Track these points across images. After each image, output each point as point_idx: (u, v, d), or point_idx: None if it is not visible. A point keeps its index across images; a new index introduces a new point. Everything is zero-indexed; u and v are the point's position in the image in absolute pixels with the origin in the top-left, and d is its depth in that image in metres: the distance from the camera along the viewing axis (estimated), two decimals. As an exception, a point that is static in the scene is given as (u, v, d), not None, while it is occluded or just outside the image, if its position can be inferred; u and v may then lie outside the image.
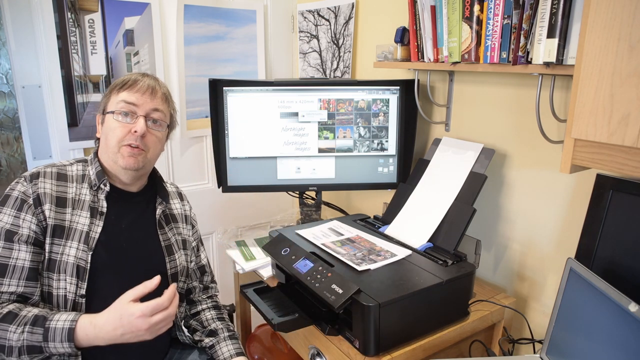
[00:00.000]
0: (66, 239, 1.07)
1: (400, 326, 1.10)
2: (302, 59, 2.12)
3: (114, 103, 1.14)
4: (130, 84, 1.14)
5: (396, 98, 1.63)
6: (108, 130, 1.13)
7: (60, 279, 1.06)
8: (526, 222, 1.37)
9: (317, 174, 1.69)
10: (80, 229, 1.09)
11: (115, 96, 1.14)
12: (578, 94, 0.87)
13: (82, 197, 1.12)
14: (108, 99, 1.16)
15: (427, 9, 1.32)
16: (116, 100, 1.13)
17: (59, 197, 1.09)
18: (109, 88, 1.18)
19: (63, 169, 1.14)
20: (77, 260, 1.06)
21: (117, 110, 1.12)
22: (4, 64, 2.87)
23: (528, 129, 1.31)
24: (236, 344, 1.28)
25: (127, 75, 1.19)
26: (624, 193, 1.03)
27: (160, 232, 1.23)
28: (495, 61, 1.18)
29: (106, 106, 1.16)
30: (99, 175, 1.14)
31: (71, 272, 1.06)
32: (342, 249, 1.29)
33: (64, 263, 1.06)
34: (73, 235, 1.08)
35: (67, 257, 1.06)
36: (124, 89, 1.14)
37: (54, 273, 1.06)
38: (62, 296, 1.06)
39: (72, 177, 1.13)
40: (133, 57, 1.79)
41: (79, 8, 1.66)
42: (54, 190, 1.09)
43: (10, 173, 3.02)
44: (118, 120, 1.12)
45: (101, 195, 1.13)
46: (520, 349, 1.37)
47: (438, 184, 1.42)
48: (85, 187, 1.13)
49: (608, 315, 0.90)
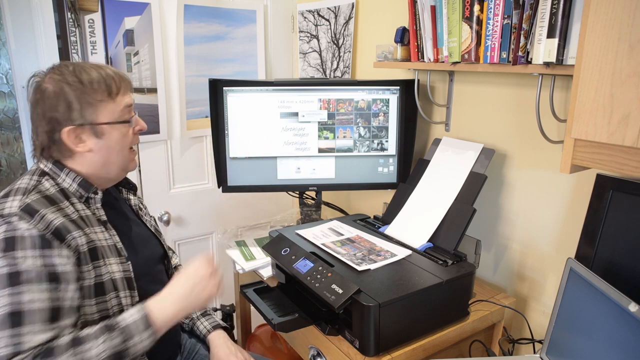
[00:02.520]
0: (104, 258, 1.01)
1: (400, 326, 1.10)
2: (302, 59, 2.12)
3: (113, 112, 1.03)
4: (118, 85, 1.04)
5: (396, 98, 1.63)
6: (114, 142, 1.04)
7: (112, 298, 1.02)
8: (526, 222, 1.37)
9: (317, 174, 1.69)
10: (105, 244, 1.03)
11: (110, 104, 1.02)
12: (578, 94, 0.87)
13: (82, 212, 1.02)
14: (94, 108, 1.00)
15: (427, 9, 1.32)
16: (116, 108, 1.03)
17: (71, 221, 0.98)
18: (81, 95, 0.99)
19: (40, 192, 0.98)
20: (123, 273, 1.04)
21: (125, 118, 1.05)
22: (4, 64, 2.87)
23: (528, 129, 1.31)
24: (210, 318, 1.29)
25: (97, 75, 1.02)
26: (624, 193, 1.03)
27: (144, 220, 1.23)
28: (495, 61, 1.18)
29: (95, 117, 1.01)
30: (84, 186, 1.03)
31: (123, 287, 1.04)
32: (342, 249, 1.29)
33: (112, 281, 1.02)
34: (105, 252, 1.02)
35: (113, 275, 1.02)
36: (119, 93, 1.04)
37: (106, 295, 1.01)
38: (118, 312, 1.01)
39: (56, 195, 0.99)
40: (133, 57, 1.79)
41: (79, 8, 1.66)
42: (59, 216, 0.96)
43: (10, 173, 3.02)
44: (130, 127, 1.06)
45: (97, 205, 1.06)
46: (520, 349, 1.37)
47: (438, 184, 1.42)
48: (75, 202, 1.02)
49: (608, 315, 0.90)
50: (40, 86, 1.00)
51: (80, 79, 0.99)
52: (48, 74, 1.01)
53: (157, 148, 1.92)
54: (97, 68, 1.04)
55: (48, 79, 1.00)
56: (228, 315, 1.91)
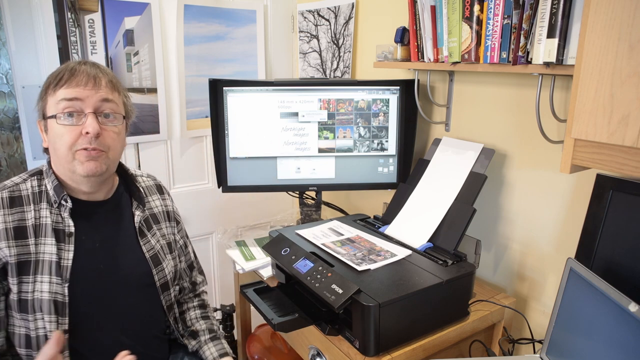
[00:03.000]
0: (34, 274, 0.94)
1: (400, 326, 1.10)
2: (302, 59, 2.12)
3: (52, 105, 0.96)
4: (66, 78, 0.96)
5: (396, 98, 1.63)
6: (55, 137, 0.96)
7: (37, 319, 0.94)
8: (526, 222, 1.37)
9: (317, 174, 1.69)
10: (48, 259, 0.95)
11: (52, 96, 0.96)
12: (578, 94, 0.87)
13: (42, 220, 0.96)
14: (45, 100, 0.97)
15: (427, 9, 1.32)
16: (55, 100, 0.96)
17: (16, 228, 0.93)
18: (43, 87, 0.98)
19: (15, 190, 0.97)
20: (53, 295, 0.94)
21: (58, 113, 0.95)
22: (4, 64, 2.87)
23: (528, 129, 1.31)
24: (219, 344, 1.21)
25: (61, 66, 0.98)
26: (624, 193, 1.03)
27: (142, 242, 1.10)
28: (495, 61, 1.18)
29: (45, 110, 0.98)
30: (57, 190, 0.98)
31: (48, 310, 0.94)
32: (342, 249, 1.29)
33: (38, 301, 0.93)
34: (42, 268, 0.94)
35: (41, 294, 0.93)
36: (60, 86, 0.95)
37: (29, 314, 0.94)
38: (42, 336, 0.95)
39: (28, 197, 0.97)
40: (133, 57, 1.79)
41: (79, 8, 1.66)
42: (8, 221, 0.93)
43: (10, 173, 3.02)
44: (63, 125, 0.95)
45: (65, 213, 0.98)
46: (520, 349, 1.37)
47: (438, 184, 1.42)
48: (44, 208, 0.97)
49: (608, 315, 0.90)
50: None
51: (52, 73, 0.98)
52: None
53: (157, 148, 1.92)
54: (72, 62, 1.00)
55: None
56: (228, 315, 1.91)
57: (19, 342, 0.96)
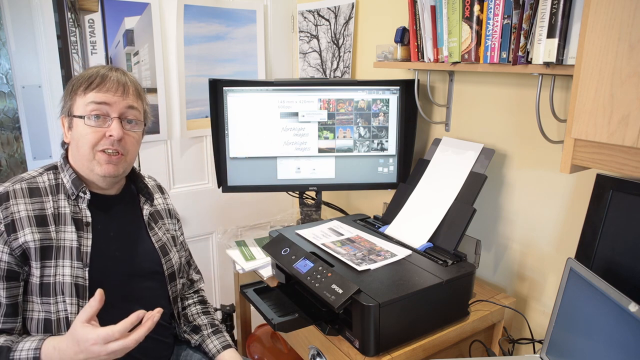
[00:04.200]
0: (56, 259, 0.99)
1: (400, 326, 1.10)
2: (302, 59, 2.12)
3: (81, 105, 1.03)
4: (98, 82, 1.03)
5: (396, 98, 1.63)
6: (79, 136, 1.04)
7: (58, 302, 0.99)
8: (526, 222, 1.37)
9: (317, 174, 1.69)
10: (69, 245, 1.01)
11: (82, 97, 1.03)
12: (578, 94, 0.87)
13: (61, 210, 1.02)
14: (73, 99, 1.04)
15: (427, 9, 1.32)
16: (84, 102, 1.03)
17: (38, 216, 0.99)
18: (70, 85, 1.05)
19: (33, 182, 1.03)
20: (74, 278, 1.00)
21: (87, 114, 1.03)
22: (4, 64, 2.87)
23: (528, 129, 1.31)
24: (221, 337, 1.26)
25: (91, 69, 1.06)
26: (624, 193, 1.03)
27: (151, 234, 1.18)
28: (495, 61, 1.18)
29: (72, 108, 1.05)
30: (75, 183, 1.05)
31: (70, 292, 0.99)
32: (342, 249, 1.29)
33: (60, 284, 0.99)
34: (63, 253, 1.00)
35: (63, 278, 0.99)
36: (91, 89, 1.03)
37: (51, 297, 0.99)
38: (63, 319, 1.00)
39: (45, 189, 1.03)
40: (133, 57, 1.79)
41: (79, 8, 1.66)
42: (29, 210, 0.99)
43: (10, 173, 3.02)
44: (90, 125, 1.03)
45: (83, 205, 1.05)
46: (520, 349, 1.37)
47: (438, 184, 1.42)
48: (62, 199, 1.03)
49: (608, 315, 0.90)
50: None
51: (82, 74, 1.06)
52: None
53: (157, 148, 1.92)
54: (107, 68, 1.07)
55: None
56: (228, 315, 1.91)
57: (37, 326, 1.00)
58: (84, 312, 0.91)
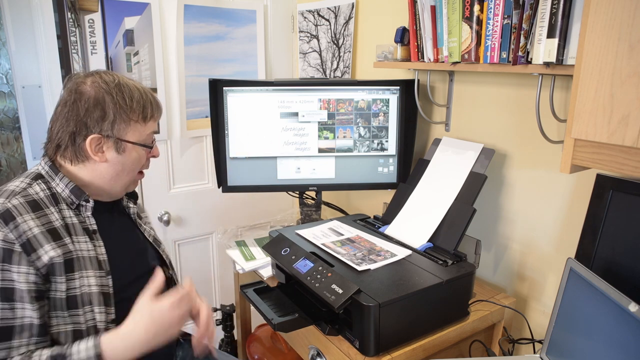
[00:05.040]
0: (80, 270, 0.97)
1: (400, 326, 1.10)
2: (302, 59, 2.12)
3: (140, 133, 1.05)
4: (154, 110, 1.07)
5: (396, 98, 1.63)
6: (131, 161, 1.06)
7: (86, 312, 0.98)
8: (526, 222, 1.37)
9: (317, 174, 1.69)
10: (87, 255, 0.99)
11: (141, 125, 1.05)
12: (578, 94, 0.87)
13: (68, 220, 0.99)
14: (126, 124, 1.02)
15: (427, 9, 1.32)
16: (144, 131, 1.06)
17: (50, 230, 0.95)
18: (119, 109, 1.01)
19: (27, 195, 0.96)
20: (100, 288, 1.00)
21: (148, 143, 1.08)
22: (4, 64, 2.87)
23: (528, 129, 1.31)
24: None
25: (137, 93, 1.05)
26: (624, 193, 1.03)
27: (142, 230, 1.20)
28: (495, 61, 1.18)
29: (124, 133, 1.03)
30: (75, 192, 1.01)
31: (98, 302, 0.99)
32: (342, 249, 1.29)
33: (87, 295, 0.98)
34: (84, 264, 0.98)
35: (89, 288, 0.98)
36: (149, 118, 1.06)
37: (79, 309, 0.97)
38: (92, 328, 0.99)
39: (42, 201, 0.97)
40: (133, 57, 1.79)
41: (79, 8, 1.66)
42: (39, 225, 0.94)
43: (10, 173, 3.02)
44: (148, 152, 1.09)
45: (87, 213, 1.03)
46: (520, 349, 1.37)
47: (438, 184, 1.42)
48: (64, 209, 1.00)
49: (608, 315, 0.90)
50: (79, 87, 1.01)
51: (123, 94, 1.02)
52: (91, 77, 1.02)
53: (157, 148, 1.92)
54: (139, 86, 1.07)
55: (91, 83, 1.01)
56: (228, 315, 1.91)
57: (65, 339, 0.98)
58: (150, 290, 0.95)
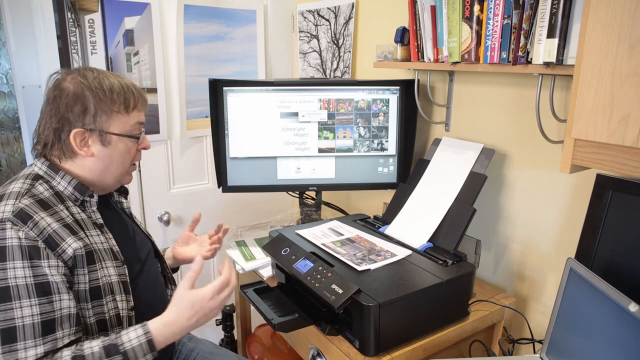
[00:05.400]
0: (100, 262, 1.00)
1: (400, 326, 1.10)
2: (302, 59, 2.12)
3: (124, 124, 1.05)
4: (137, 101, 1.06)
5: (396, 98, 1.63)
6: (118, 153, 1.06)
7: (108, 302, 1.01)
8: (526, 222, 1.37)
9: (317, 174, 1.69)
10: (102, 247, 1.02)
11: (124, 116, 1.04)
12: (578, 94, 0.87)
13: (77, 216, 1.01)
14: (108, 116, 1.02)
15: (427, 9, 1.32)
16: (128, 121, 1.05)
17: (65, 225, 0.97)
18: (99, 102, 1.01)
19: (34, 195, 0.97)
20: (120, 277, 1.04)
21: (137, 134, 1.08)
22: (4, 64, 2.87)
23: (528, 129, 1.31)
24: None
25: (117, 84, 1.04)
26: (624, 193, 1.03)
27: (137, 222, 1.24)
28: (495, 61, 1.18)
29: (104, 126, 1.02)
30: (79, 189, 1.03)
31: (119, 290, 1.03)
32: (342, 249, 1.29)
33: (109, 285, 1.01)
34: (102, 255, 1.02)
35: (110, 278, 1.02)
36: (132, 108, 1.06)
37: (102, 299, 1.00)
38: (115, 316, 1.02)
39: (50, 199, 0.99)
40: (133, 57, 1.79)
41: (79, 8, 1.66)
42: (54, 220, 0.95)
43: (10, 173, 3.02)
44: (135, 143, 1.09)
45: (93, 208, 1.06)
46: (520, 349, 1.37)
47: (438, 184, 1.42)
48: (71, 205, 1.01)
49: (608, 315, 0.90)
50: (60, 84, 1.01)
51: (102, 87, 1.01)
52: (71, 74, 1.03)
53: (157, 148, 1.92)
54: (120, 79, 1.06)
55: (70, 79, 1.01)
56: (228, 315, 1.91)
57: (92, 329, 1.00)
58: (187, 280, 1.00)
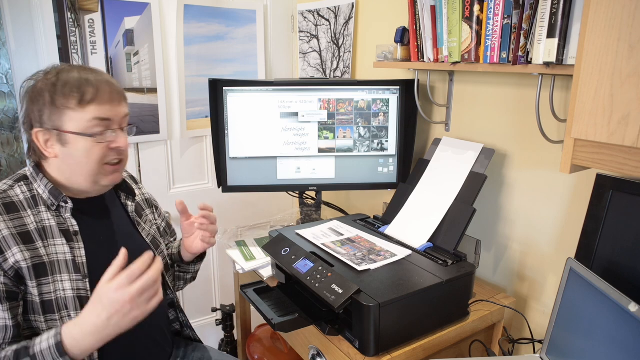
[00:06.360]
0: (53, 275, 0.95)
1: (400, 326, 1.10)
2: (302, 59, 2.12)
3: (79, 121, 0.95)
4: (92, 94, 0.95)
5: (396, 98, 1.63)
6: (80, 152, 0.97)
7: (63, 317, 0.95)
8: (526, 222, 1.37)
9: (317, 174, 1.69)
10: (62, 258, 0.96)
11: (78, 112, 0.94)
12: (578, 94, 0.87)
13: (45, 223, 0.96)
14: (60, 113, 0.94)
15: (427, 9, 1.32)
16: (83, 117, 0.95)
17: (21, 234, 0.93)
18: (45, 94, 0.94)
19: (6, 197, 0.95)
20: (76, 292, 0.97)
21: (93, 133, 0.96)
22: (4, 64, 2.87)
23: (528, 129, 1.31)
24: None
25: (75, 77, 0.95)
26: (624, 193, 1.03)
27: (140, 229, 1.16)
28: (495, 61, 1.18)
29: (59, 123, 0.94)
30: (53, 193, 0.98)
31: (74, 306, 0.96)
32: (342, 249, 1.29)
33: (62, 299, 0.95)
34: (59, 267, 0.95)
35: (64, 292, 0.95)
36: (86, 101, 0.94)
37: (55, 313, 0.95)
38: None
39: (21, 203, 0.96)
40: (133, 57, 1.79)
41: (79, 8, 1.66)
42: (11, 227, 0.92)
43: (10, 173, 3.02)
44: (96, 142, 0.97)
45: (67, 214, 1.00)
46: (520, 349, 1.37)
47: (438, 184, 1.42)
48: (43, 211, 0.97)
49: (608, 315, 0.90)
50: (27, 85, 0.98)
51: (55, 82, 0.94)
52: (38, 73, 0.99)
53: (157, 148, 1.92)
54: (83, 71, 0.98)
55: (35, 79, 0.98)
56: (228, 315, 1.91)
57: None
58: (108, 272, 0.87)
